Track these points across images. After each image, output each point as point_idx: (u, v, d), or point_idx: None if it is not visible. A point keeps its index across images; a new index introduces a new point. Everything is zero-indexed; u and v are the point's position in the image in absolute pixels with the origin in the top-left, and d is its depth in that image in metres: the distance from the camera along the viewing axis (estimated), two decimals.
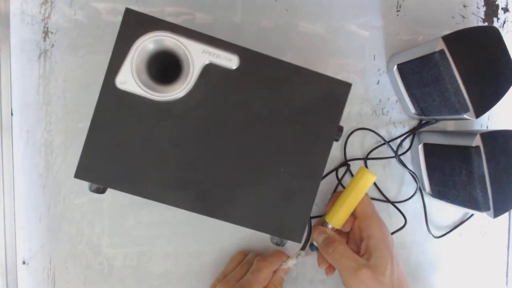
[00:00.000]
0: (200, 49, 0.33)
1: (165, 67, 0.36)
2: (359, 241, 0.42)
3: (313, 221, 0.48)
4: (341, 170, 0.49)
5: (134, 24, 0.33)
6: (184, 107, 0.34)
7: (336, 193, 0.47)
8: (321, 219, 0.47)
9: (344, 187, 0.48)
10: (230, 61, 0.33)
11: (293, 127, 0.35)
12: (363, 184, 0.41)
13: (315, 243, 0.43)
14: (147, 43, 0.33)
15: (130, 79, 0.33)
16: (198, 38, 0.33)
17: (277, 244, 0.36)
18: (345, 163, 0.49)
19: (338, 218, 0.42)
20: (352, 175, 0.49)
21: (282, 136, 0.35)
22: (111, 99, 0.33)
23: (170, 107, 0.34)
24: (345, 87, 0.35)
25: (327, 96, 0.35)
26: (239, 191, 0.34)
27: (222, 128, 0.34)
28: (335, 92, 0.35)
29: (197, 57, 0.33)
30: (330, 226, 0.43)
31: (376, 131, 0.49)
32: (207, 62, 0.33)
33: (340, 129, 0.35)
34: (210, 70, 0.34)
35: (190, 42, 0.33)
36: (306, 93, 0.34)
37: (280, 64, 0.34)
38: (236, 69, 0.34)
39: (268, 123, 0.34)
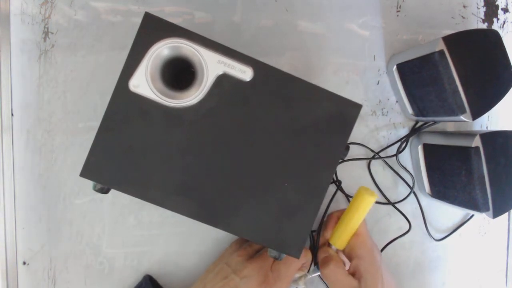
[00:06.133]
0: (216, 59, 0.33)
1: (178, 72, 0.37)
2: (349, 258, 0.42)
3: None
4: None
5: (152, 29, 0.33)
6: (195, 115, 0.34)
7: (334, 213, 0.46)
8: (322, 239, 0.46)
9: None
10: (244, 73, 0.34)
11: (300, 143, 0.35)
12: (365, 206, 0.41)
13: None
14: (164, 49, 0.33)
15: (143, 83, 0.33)
16: (215, 48, 0.33)
17: (275, 258, 0.36)
18: (336, 181, 0.49)
19: (341, 240, 0.42)
20: (343, 193, 0.49)
21: (289, 151, 0.35)
22: (123, 101, 0.33)
23: (181, 113, 0.34)
24: (355, 108, 0.35)
25: (337, 116, 0.35)
26: (242, 202, 0.35)
27: (230, 139, 0.34)
28: (345, 112, 0.35)
29: (212, 66, 0.33)
30: (334, 248, 0.43)
31: (375, 132, 0.49)
32: (221, 72, 0.34)
33: (347, 148, 0.36)
34: (223, 80, 0.34)
35: (206, 51, 0.33)
36: (316, 110, 0.35)
37: (294, 80, 0.34)
38: (249, 81, 0.34)
39: (276, 137, 0.35)
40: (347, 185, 0.49)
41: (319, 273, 0.43)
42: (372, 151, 0.49)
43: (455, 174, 0.43)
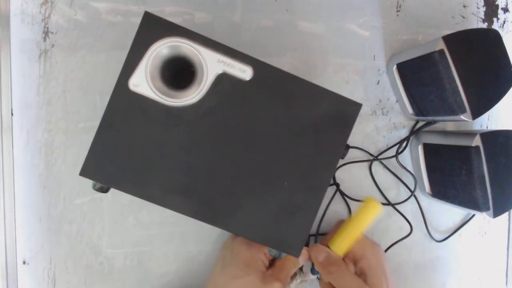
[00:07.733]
0: (216, 58, 0.33)
1: (177, 71, 0.37)
2: (352, 263, 0.42)
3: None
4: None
5: (152, 28, 0.33)
6: (194, 114, 0.34)
7: (339, 220, 0.47)
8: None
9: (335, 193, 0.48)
10: (244, 72, 0.34)
11: (300, 142, 0.35)
12: (371, 217, 0.41)
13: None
14: (163, 48, 0.33)
15: (143, 82, 0.33)
16: (214, 47, 0.33)
17: (275, 257, 0.36)
18: (334, 183, 0.48)
19: (343, 246, 0.42)
20: (342, 194, 0.49)
21: (289, 150, 0.35)
22: (123, 100, 0.33)
23: (180, 113, 0.34)
24: (355, 107, 0.35)
25: (337, 115, 0.35)
26: (242, 201, 0.35)
27: (230, 138, 0.34)
28: (345, 111, 0.35)
29: (211, 65, 0.33)
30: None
31: (375, 132, 0.49)
32: (221, 72, 0.34)
33: (347, 147, 0.36)
34: (223, 80, 0.34)
35: (206, 51, 0.33)
36: (316, 110, 0.35)
37: (293, 79, 0.34)
38: (249, 80, 0.34)
39: (276, 136, 0.35)
40: (348, 186, 0.49)
41: (317, 276, 0.43)
42: (371, 155, 0.49)
43: (455, 173, 0.43)
